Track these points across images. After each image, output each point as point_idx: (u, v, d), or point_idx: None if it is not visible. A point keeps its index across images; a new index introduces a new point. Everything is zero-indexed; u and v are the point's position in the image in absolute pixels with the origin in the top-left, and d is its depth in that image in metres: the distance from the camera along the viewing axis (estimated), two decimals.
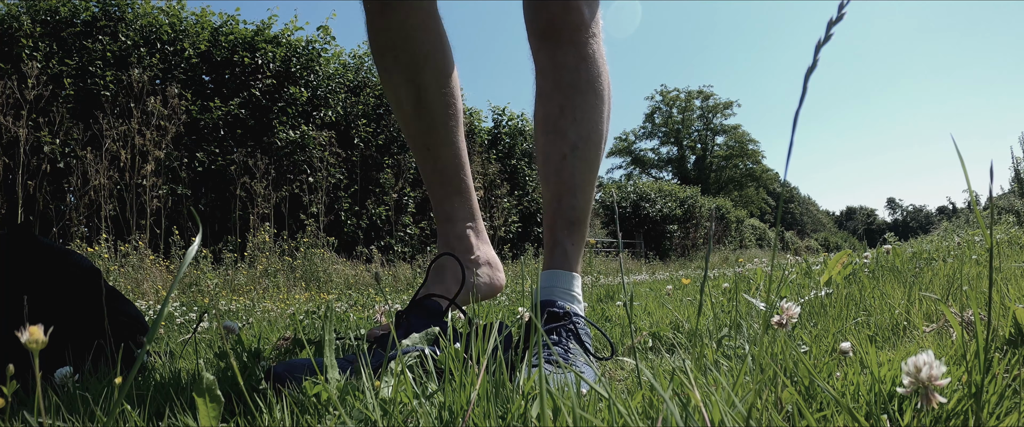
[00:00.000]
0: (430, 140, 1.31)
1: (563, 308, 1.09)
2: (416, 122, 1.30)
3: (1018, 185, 10.77)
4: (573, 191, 1.21)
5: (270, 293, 5.00)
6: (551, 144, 1.22)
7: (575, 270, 1.21)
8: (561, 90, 1.22)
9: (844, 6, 0.49)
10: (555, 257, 1.20)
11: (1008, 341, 0.76)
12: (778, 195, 37.74)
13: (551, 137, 1.23)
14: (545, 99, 1.24)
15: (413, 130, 1.31)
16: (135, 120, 5.91)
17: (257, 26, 7.61)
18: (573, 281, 1.19)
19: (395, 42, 1.25)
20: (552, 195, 1.22)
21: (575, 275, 1.20)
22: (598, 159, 1.25)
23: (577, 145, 1.21)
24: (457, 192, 1.34)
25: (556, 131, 1.22)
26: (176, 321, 2.44)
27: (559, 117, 1.22)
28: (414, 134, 1.31)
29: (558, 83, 1.22)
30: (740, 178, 39.03)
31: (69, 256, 1.26)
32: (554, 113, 1.22)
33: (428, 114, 1.29)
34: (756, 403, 0.51)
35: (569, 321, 1.07)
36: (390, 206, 8.23)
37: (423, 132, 1.30)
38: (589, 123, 1.22)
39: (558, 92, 1.22)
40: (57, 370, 0.95)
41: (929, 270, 1.85)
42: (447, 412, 0.61)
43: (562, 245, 1.20)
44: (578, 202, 1.22)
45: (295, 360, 0.83)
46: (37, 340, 0.46)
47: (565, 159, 1.21)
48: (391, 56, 1.26)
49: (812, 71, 0.50)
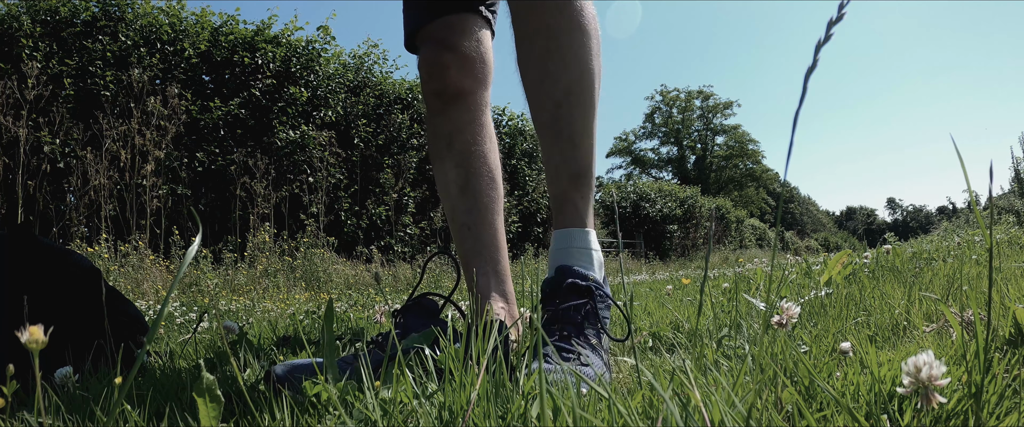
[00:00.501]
0: (471, 219, 1.36)
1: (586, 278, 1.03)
2: (461, 203, 1.37)
3: (1018, 185, 10.77)
4: (572, 140, 1.13)
5: (270, 293, 5.00)
6: (541, 92, 1.14)
7: (588, 225, 1.14)
8: (542, 31, 1.11)
9: (844, 6, 0.49)
10: (565, 214, 1.14)
11: (1008, 341, 0.76)
12: (778, 195, 37.76)
13: (539, 84, 1.14)
14: (527, 44, 1.14)
15: (458, 211, 1.37)
16: (135, 120, 5.91)
17: (257, 26, 7.61)
18: (588, 237, 1.13)
19: (451, 132, 1.36)
20: (551, 149, 1.15)
21: (588, 230, 1.14)
22: (594, 101, 1.16)
23: (570, 90, 1.12)
24: (495, 272, 1.35)
25: (544, 76, 1.12)
26: (176, 321, 2.44)
27: (545, 60, 1.12)
28: (458, 214, 1.37)
29: (539, 23, 1.12)
30: (740, 178, 39.04)
31: (69, 256, 1.26)
32: (539, 56, 1.12)
33: (473, 197, 1.36)
34: (756, 403, 0.51)
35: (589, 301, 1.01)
36: (390, 206, 8.23)
37: (466, 212, 1.36)
38: (580, 64, 1.13)
39: (540, 34, 1.12)
40: (57, 370, 0.95)
41: (929, 270, 1.85)
42: (447, 412, 0.61)
43: (570, 200, 1.14)
44: (580, 152, 1.14)
45: (296, 361, 0.83)
46: (37, 340, 0.46)
47: (559, 107, 1.12)
48: (445, 143, 1.37)
49: (812, 71, 0.50)
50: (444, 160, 1.39)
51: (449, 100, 1.35)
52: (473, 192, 1.37)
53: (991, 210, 0.66)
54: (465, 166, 1.37)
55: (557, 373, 0.74)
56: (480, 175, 1.38)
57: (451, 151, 1.37)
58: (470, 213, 1.37)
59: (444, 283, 6.23)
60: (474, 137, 1.38)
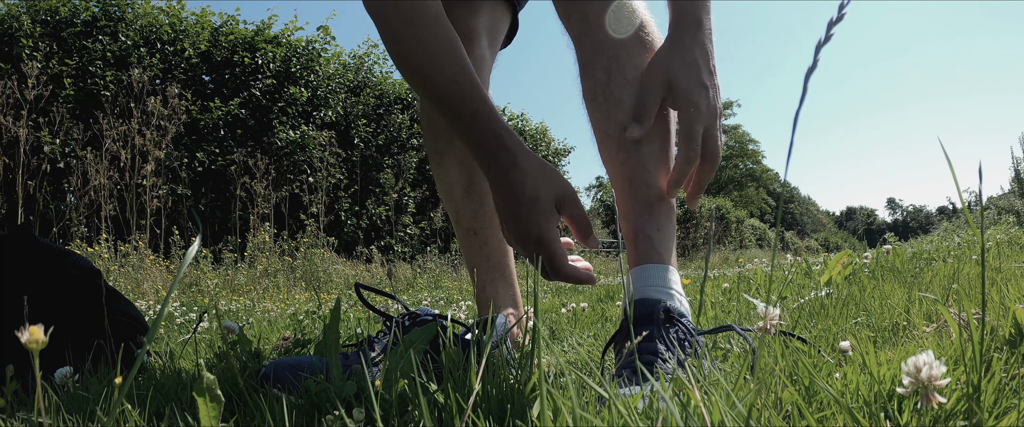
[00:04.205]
0: (477, 224, 1.30)
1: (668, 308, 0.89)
2: (466, 205, 1.30)
3: (1018, 185, 10.77)
4: (643, 165, 1.01)
5: (270, 293, 5.00)
6: (605, 117, 1.03)
7: (668, 262, 0.98)
8: (602, 52, 1.03)
9: (844, 6, 0.49)
10: (639, 249, 0.98)
11: (1008, 341, 0.76)
12: (778, 195, 37.75)
13: (603, 109, 1.03)
14: (588, 70, 1.06)
15: (462, 214, 1.31)
16: (135, 120, 5.91)
17: (257, 26, 7.61)
18: (667, 274, 0.96)
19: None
20: (621, 178, 1.03)
21: (669, 267, 0.97)
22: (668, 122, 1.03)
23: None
24: (501, 277, 1.31)
25: (607, 100, 1.03)
26: (176, 321, 2.44)
27: (608, 83, 1.02)
28: (463, 218, 1.32)
29: (597, 45, 1.03)
30: (740, 178, 39.06)
31: (69, 257, 1.26)
32: (602, 80, 1.03)
33: (478, 196, 1.30)
34: (756, 403, 0.51)
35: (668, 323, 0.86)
36: (390, 206, 8.23)
37: (471, 215, 1.30)
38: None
39: (600, 55, 1.03)
40: (57, 370, 0.95)
41: (929, 270, 1.85)
42: (447, 412, 0.61)
43: (644, 233, 0.99)
44: (653, 177, 1.01)
45: (297, 358, 0.83)
46: (37, 340, 0.46)
47: (626, 130, 1.01)
48: (445, 138, 1.28)
49: (812, 71, 0.50)
50: (445, 158, 1.30)
51: None
52: (478, 193, 1.30)
53: (981, 210, 0.66)
54: (468, 164, 1.29)
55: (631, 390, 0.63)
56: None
57: (452, 146, 1.29)
58: (476, 217, 1.31)
59: (444, 283, 6.23)
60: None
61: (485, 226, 1.31)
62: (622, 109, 1.01)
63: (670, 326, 0.86)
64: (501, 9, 1.32)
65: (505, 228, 0.97)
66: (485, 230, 1.31)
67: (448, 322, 0.96)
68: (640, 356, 0.81)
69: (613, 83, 1.02)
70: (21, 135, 5.38)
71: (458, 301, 3.64)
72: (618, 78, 1.01)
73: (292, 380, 0.79)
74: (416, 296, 4.56)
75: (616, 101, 1.02)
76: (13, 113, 5.48)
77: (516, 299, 1.34)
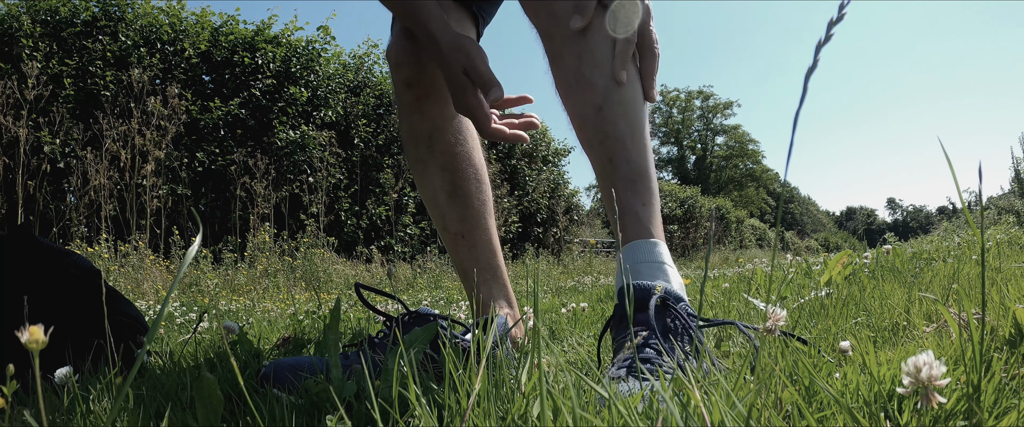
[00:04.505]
0: (464, 227, 1.31)
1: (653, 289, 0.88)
2: (451, 209, 1.31)
3: (1018, 185, 10.77)
4: (622, 143, 1.02)
5: (270, 293, 5.00)
6: (579, 100, 1.04)
7: (656, 235, 1.00)
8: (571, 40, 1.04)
9: (844, 6, 0.49)
10: (627, 226, 1.00)
11: (1008, 341, 0.76)
12: (778, 195, 37.74)
13: (577, 93, 1.04)
14: (558, 60, 1.06)
15: (449, 219, 1.32)
16: (135, 120, 5.91)
17: (257, 26, 7.61)
18: (656, 249, 0.98)
19: (430, 131, 1.29)
20: (600, 158, 1.03)
21: (656, 241, 0.99)
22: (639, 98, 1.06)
23: (609, 88, 1.02)
24: (493, 277, 1.32)
25: (579, 83, 1.03)
26: (176, 321, 2.44)
27: (578, 67, 1.03)
28: (450, 224, 1.32)
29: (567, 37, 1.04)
30: (740, 178, 39.05)
31: (69, 257, 1.26)
32: (573, 66, 1.04)
33: (463, 202, 1.31)
34: (756, 403, 0.51)
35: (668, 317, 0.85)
36: (390, 206, 8.23)
37: (458, 220, 1.31)
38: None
39: (570, 43, 1.04)
40: (57, 370, 0.95)
41: (929, 270, 1.85)
42: (447, 412, 0.61)
43: (631, 210, 1.00)
44: (632, 154, 1.02)
45: (297, 358, 0.83)
46: (37, 340, 0.46)
47: (600, 110, 1.02)
48: (425, 144, 1.29)
49: (812, 71, 0.50)
50: (427, 164, 1.31)
51: (423, 93, 1.26)
52: (462, 197, 1.31)
53: (981, 210, 0.65)
54: (451, 169, 1.30)
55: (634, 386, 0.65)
56: (467, 177, 1.32)
57: (433, 153, 1.30)
58: (463, 221, 1.31)
59: (444, 283, 6.23)
60: (455, 136, 1.31)
61: (472, 229, 1.32)
62: (595, 90, 1.02)
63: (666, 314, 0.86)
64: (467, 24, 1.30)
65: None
66: (472, 233, 1.32)
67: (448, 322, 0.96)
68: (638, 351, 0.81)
69: (584, 66, 1.03)
70: (21, 135, 5.38)
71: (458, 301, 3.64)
72: (588, 61, 1.03)
73: (292, 380, 0.79)
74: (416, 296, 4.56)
75: (588, 83, 1.03)
76: (13, 113, 5.48)
77: (510, 298, 1.35)
